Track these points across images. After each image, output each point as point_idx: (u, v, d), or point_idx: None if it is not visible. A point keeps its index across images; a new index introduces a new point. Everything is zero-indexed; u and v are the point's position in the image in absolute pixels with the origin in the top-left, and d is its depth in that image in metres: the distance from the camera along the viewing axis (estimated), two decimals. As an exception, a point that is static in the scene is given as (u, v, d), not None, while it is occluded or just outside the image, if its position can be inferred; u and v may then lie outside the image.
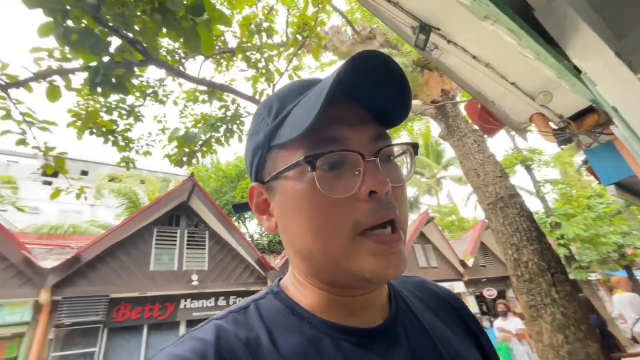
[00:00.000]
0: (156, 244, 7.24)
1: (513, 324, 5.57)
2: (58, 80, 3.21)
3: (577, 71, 1.43)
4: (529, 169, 13.84)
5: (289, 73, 5.22)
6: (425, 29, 1.51)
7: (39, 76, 3.02)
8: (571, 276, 10.97)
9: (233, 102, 4.87)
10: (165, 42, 5.23)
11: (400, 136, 8.95)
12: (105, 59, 2.78)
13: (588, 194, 13.27)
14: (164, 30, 2.57)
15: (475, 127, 4.42)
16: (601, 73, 1.21)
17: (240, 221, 14.66)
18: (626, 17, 1.77)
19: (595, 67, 1.22)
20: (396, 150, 0.44)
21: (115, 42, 2.93)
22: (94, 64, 2.83)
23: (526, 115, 2.74)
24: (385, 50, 5.55)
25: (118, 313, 6.34)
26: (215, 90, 4.49)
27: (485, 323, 12.92)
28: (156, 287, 6.74)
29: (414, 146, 0.44)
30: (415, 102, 5.83)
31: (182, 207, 7.80)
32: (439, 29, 1.58)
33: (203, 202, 7.65)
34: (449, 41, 1.66)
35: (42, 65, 3.22)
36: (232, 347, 0.36)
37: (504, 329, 5.70)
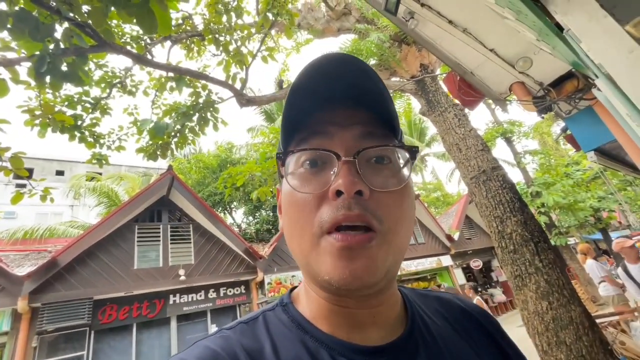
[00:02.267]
0: (138, 241, 7.01)
1: None
2: (4, 73, 2.91)
3: (559, 30, 1.33)
4: (509, 141, 14.10)
5: (263, 55, 4.97)
6: (395, -11, 1.38)
7: (-22, 69, 2.71)
8: (552, 242, 11.40)
9: (204, 88, 4.62)
10: (129, 28, 4.87)
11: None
12: (52, 46, 2.51)
13: (566, 162, 13.68)
14: (114, 10, 2.32)
15: (456, 101, 4.35)
16: (585, 28, 1.11)
17: (226, 212, 14.43)
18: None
19: (579, 22, 1.12)
20: (392, 153, 0.41)
21: (62, 27, 2.65)
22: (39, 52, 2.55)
23: (506, 85, 2.67)
24: (361, 26, 5.34)
25: (104, 315, 6.17)
26: (182, 76, 4.22)
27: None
28: (142, 285, 6.57)
29: (411, 150, 0.41)
30: (394, 79, 5.69)
31: (162, 202, 7.55)
32: (410, -9, 1.45)
33: (184, 195, 7.42)
34: (422, 4, 1.53)
35: (-18, 57, 2.90)
36: (236, 356, 0.37)
37: None
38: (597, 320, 3.48)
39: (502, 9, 1.36)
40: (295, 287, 0.51)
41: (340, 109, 0.41)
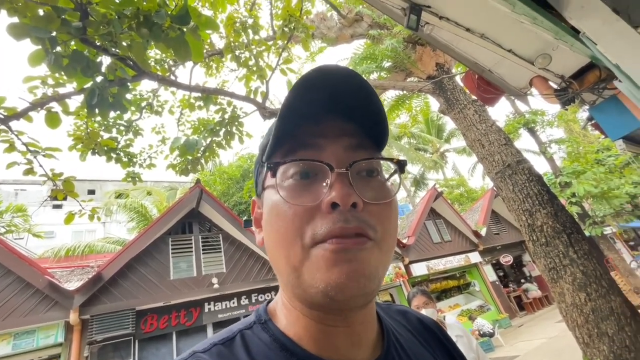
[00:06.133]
0: (173, 252, 7.36)
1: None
2: (55, 107, 3.23)
3: (575, 31, 1.41)
4: (532, 131, 13.67)
5: (281, 67, 5.17)
6: (415, 9, 1.49)
7: (36, 105, 3.04)
8: (586, 233, 10.95)
9: (229, 104, 4.86)
10: (153, 52, 5.20)
11: (400, 115, 8.86)
12: (99, 79, 2.79)
13: (595, 149, 13.12)
14: (152, 43, 2.56)
15: (474, 97, 4.36)
16: (600, 31, 1.19)
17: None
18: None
19: (594, 26, 1.19)
20: (385, 168, 0.42)
21: (105, 60, 2.93)
22: (88, 85, 2.84)
23: (526, 80, 2.71)
24: (374, 32, 5.45)
25: (146, 324, 6.52)
26: (209, 95, 4.48)
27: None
28: (179, 294, 6.89)
29: (400, 163, 0.42)
30: (409, 80, 5.75)
31: (193, 214, 7.89)
32: (429, 7, 1.55)
33: (212, 206, 7.73)
34: (440, 17, 1.64)
35: (38, 94, 3.24)
36: None
37: None
38: (640, 311, 3.38)
39: (519, 15, 1.44)
40: (270, 300, 0.48)
41: (330, 121, 0.40)
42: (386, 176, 0.42)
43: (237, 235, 8.06)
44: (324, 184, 0.37)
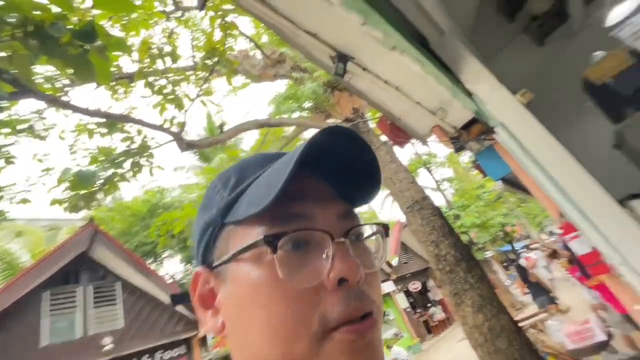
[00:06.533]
0: (51, 310, 5.87)
1: None
2: None
3: (468, 92, 1.71)
4: (429, 170, 15.95)
5: (201, 99, 4.97)
6: (343, 58, 1.62)
7: None
8: (475, 258, 12.75)
9: (139, 132, 4.38)
10: (42, 69, 4.46)
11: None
12: (-43, 93, 2.20)
13: (475, 186, 15.90)
14: (44, 57, 2.17)
15: (385, 139, 4.88)
16: (488, 95, 1.46)
17: (157, 262, 13.02)
18: (491, 43, 2.19)
19: (483, 90, 1.46)
20: (366, 230, 0.39)
21: (-30, 72, 2.36)
22: (-62, 99, 2.21)
23: (428, 128, 3.15)
24: (296, 74, 5.76)
25: (-3, 413, 4.88)
26: (114, 121, 3.97)
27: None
28: (52, 365, 5.42)
29: (385, 227, 0.39)
30: (330, 121, 6.15)
31: (82, 260, 6.53)
32: (353, 58, 1.71)
33: (110, 248, 6.57)
34: (364, 69, 1.82)
35: None
36: None
37: None
38: (520, 324, 4.00)
39: (427, 74, 1.68)
40: None
41: (323, 183, 0.38)
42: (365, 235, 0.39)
43: (140, 282, 6.93)
44: (323, 256, 0.32)
